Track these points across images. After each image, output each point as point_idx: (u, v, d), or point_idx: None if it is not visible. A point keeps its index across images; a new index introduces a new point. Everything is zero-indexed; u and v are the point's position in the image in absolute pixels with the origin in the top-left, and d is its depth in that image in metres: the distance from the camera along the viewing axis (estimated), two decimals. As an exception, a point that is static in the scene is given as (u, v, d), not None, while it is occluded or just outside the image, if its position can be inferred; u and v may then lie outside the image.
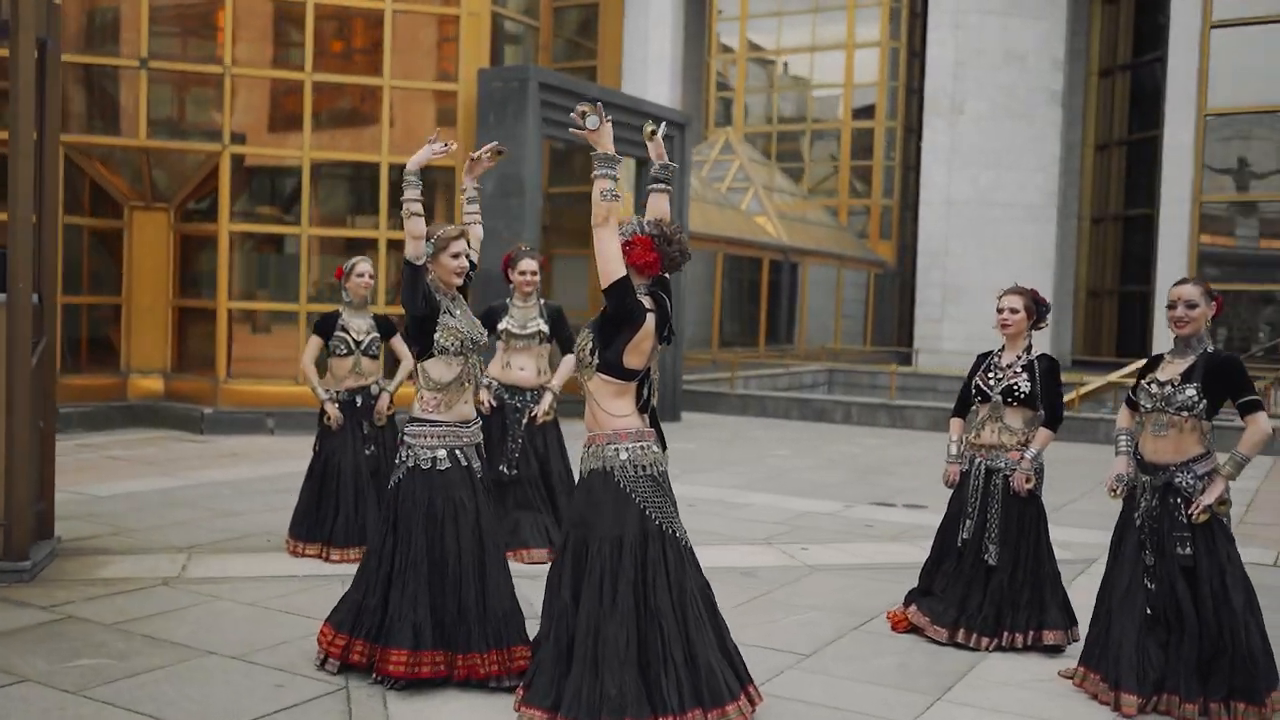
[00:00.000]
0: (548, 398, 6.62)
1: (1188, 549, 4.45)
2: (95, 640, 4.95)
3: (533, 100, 11.96)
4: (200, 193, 12.84)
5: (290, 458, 10.57)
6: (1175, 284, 4.65)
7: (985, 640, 5.26)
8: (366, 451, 6.77)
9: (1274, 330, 23.90)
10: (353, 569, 6.34)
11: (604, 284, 4.04)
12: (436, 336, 4.47)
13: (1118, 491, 4.71)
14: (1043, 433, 5.38)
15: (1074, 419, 14.21)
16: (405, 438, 4.53)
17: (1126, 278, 28.55)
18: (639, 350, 4.09)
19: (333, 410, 6.68)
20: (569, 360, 6.61)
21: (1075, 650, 5.14)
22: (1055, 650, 5.23)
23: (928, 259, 27.07)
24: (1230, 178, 24.64)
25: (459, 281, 4.62)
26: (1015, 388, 5.38)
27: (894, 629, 5.56)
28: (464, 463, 4.54)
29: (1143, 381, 4.71)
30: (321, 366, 6.81)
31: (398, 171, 12.71)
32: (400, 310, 5.15)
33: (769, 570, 6.71)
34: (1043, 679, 4.87)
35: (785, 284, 24.56)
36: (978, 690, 4.71)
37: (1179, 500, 4.49)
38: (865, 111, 30.16)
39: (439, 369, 4.50)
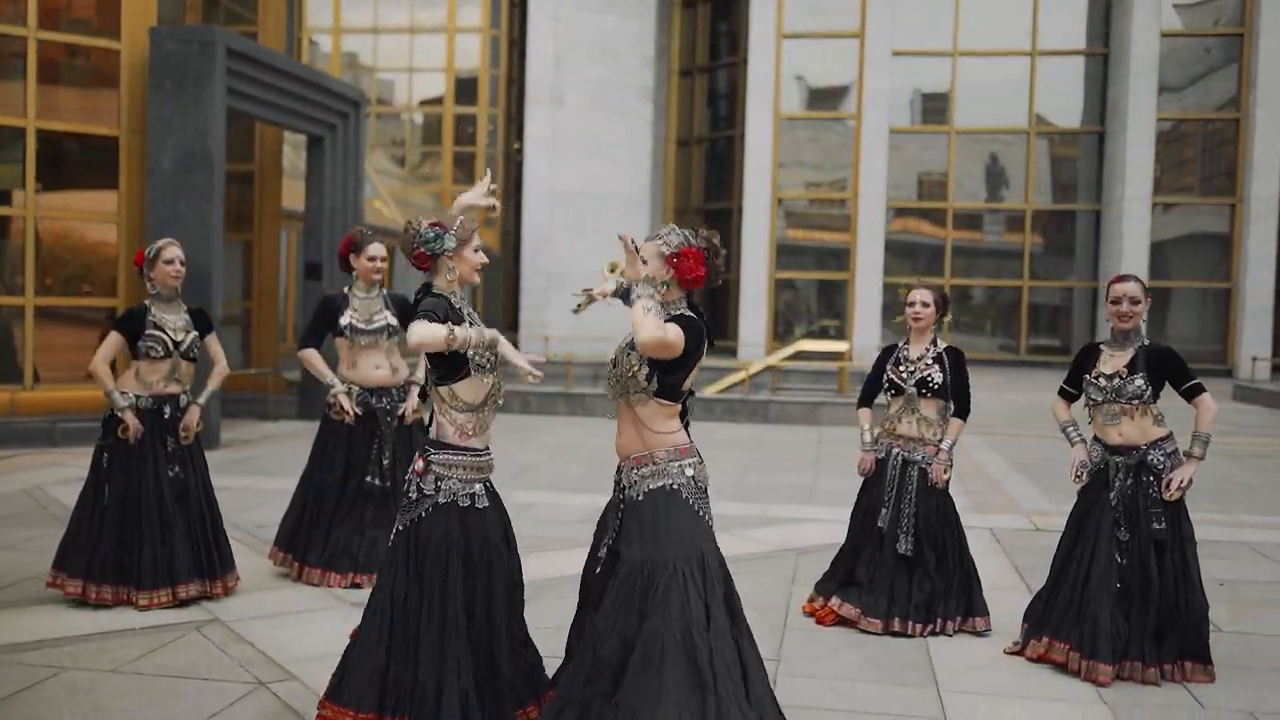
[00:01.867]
0: (414, 393, 5.94)
1: (1162, 523, 4.82)
2: (-39, 744, 3.79)
3: (219, 67, 10.61)
4: None
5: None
6: (1118, 281, 5.00)
7: (919, 627, 5.39)
8: (170, 473, 5.71)
9: (830, 312, 26.83)
10: (172, 616, 5.34)
11: (678, 355, 3.70)
12: (469, 353, 3.80)
13: (1082, 477, 5.02)
14: (955, 423, 5.59)
15: (745, 401, 15.00)
16: (433, 466, 3.81)
17: (708, 267, 30.60)
18: (694, 370, 3.85)
19: (132, 420, 5.56)
20: None
21: (1000, 630, 5.44)
22: (982, 634, 5.45)
23: (532, 247, 27.38)
24: (795, 174, 27.22)
25: (478, 280, 4.04)
26: (929, 379, 5.54)
27: (819, 623, 5.55)
28: (497, 498, 3.98)
29: (1088, 376, 5.04)
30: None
31: (44, 142, 10.84)
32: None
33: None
34: (998, 659, 5.08)
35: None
36: (958, 676, 4.83)
37: (1151, 478, 4.86)
38: (467, 98, 29.90)
39: (469, 390, 3.81)
